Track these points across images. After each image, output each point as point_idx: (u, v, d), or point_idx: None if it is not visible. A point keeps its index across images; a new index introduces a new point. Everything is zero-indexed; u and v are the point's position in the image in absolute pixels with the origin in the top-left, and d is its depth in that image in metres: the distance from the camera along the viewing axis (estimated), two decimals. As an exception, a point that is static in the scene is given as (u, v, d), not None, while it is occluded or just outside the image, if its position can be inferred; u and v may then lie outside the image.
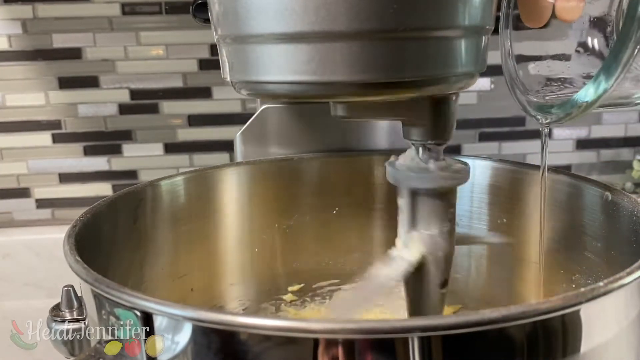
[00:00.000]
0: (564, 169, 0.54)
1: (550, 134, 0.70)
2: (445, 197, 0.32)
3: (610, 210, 0.37)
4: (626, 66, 0.27)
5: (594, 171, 0.72)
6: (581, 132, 0.70)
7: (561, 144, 0.71)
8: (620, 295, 0.26)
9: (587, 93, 0.30)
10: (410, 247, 0.33)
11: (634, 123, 0.71)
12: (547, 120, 0.33)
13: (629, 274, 0.26)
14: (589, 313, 0.25)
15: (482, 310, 0.23)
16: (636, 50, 0.27)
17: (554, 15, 0.32)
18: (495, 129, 0.69)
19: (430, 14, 0.27)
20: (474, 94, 0.68)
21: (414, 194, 0.32)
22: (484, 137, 0.70)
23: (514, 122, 0.69)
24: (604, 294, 0.25)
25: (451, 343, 0.24)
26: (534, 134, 0.70)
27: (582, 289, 0.25)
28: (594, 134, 0.71)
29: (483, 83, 0.68)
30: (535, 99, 0.36)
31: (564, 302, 0.24)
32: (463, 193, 0.47)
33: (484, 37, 0.31)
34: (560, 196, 0.42)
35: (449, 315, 0.33)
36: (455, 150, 0.70)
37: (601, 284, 0.25)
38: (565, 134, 0.70)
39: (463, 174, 0.32)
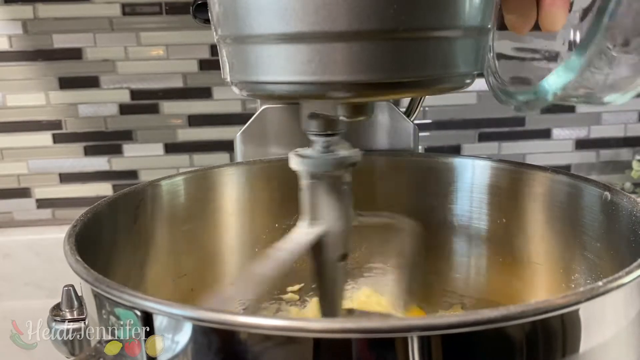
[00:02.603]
0: (564, 169, 0.54)
1: (549, 134, 0.70)
2: (339, 180, 0.36)
3: (610, 210, 0.37)
4: (589, 61, 0.27)
5: (593, 171, 0.72)
6: (580, 132, 0.71)
7: (561, 144, 0.71)
8: (619, 295, 0.26)
9: (550, 82, 0.30)
10: (315, 224, 0.36)
11: (633, 123, 0.71)
12: (513, 105, 0.34)
13: (628, 273, 0.26)
14: (588, 313, 0.25)
15: (482, 310, 0.23)
16: (600, 45, 0.27)
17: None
18: (495, 129, 0.70)
19: (431, 14, 0.27)
20: (473, 94, 0.68)
21: (314, 177, 0.36)
22: (483, 137, 0.70)
23: (513, 122, 0.69)
24: (603, 293, 0.25)
25: (451, 342, 0.24)
26: (534, 134, 0.70)
27: (582, 289, 0.25)
28: (593, 134, 0.71)
29: (483, 83, 0.67)
30: (506, 86, 0.36)
31: (564, 302, 0.24)
32: (463, 193, 0.47)
33: (483, 38, 0.31)
34: (559, 196, 0.42)
35: (448, 315, 0.33)
36: (455, 150, 0.70)
37: (600, 283, 0.25)
38: (564, 134, 0.71)
39: (350, 158, 0.36)
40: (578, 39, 0.35)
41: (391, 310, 0.49)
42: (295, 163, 0.36)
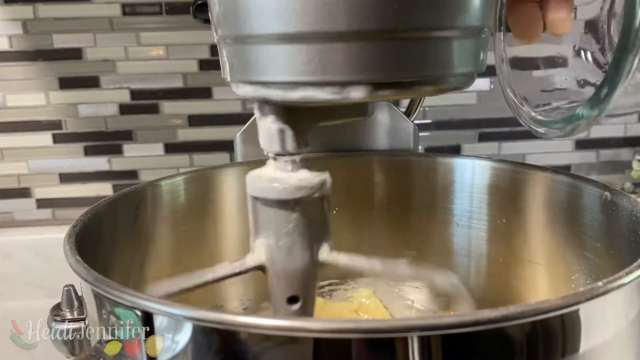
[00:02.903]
0: (564, 169, 0.54)
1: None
2: (285, 209, 0.31)
3: (610, 210, 0.37)
4: (626, 80, 0.27)
5: (593, 171, 0.72)
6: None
7: (560, 144, 0.71)
8: (619, 295, 0.26)
9: (588, 108, 0.30)
10: (254, 252, 0.32)
11: (633, 123, 0.71)
12: (554, 135, 0.33)
13: (628, 273, 0.26)
14: (588, 313, 0.25)
15: (482, 310, 0.23)
16: (635, 64, 0.27)
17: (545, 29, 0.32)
18: (495, 129, 0.70)
19: (430, 14, 0.27)
20: (473, 94, 0.68)
21: (255, 201, 0.32)
22: (483, 137, 0.70)
23: (513, 122, 0.69)
24: (603, 293, 0.25)
25: (451, 343, 0.24)
26: (533, 134, 0.70)
27: (582, 289, 0.25)
28: (593, 134, 0.71)
29: (483, 83, 0.68)
30: (534, 113, 0.36)
31: (563, 302, 0.24)
32: (463, 193, 0.47)
33: (483, 38, 0.31)
34: (559, 196, 0.42)
35: (448, 315, 0.33)
36: (455, 150, 0.70)
37: (600, 283, 0.25)
38: (565, 134, 0.70)
39: (307, 190, 0.30)
40: (584, 46, 0.35)
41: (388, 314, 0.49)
42: (256, 190, 0.31)
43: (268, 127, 0.31)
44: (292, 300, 0.33)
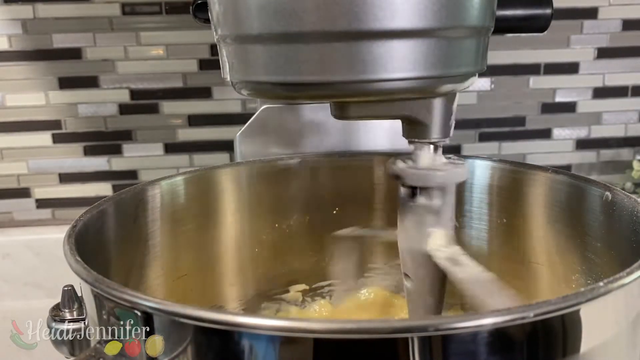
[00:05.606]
0: (564, 169, 0.54)
1: (549, 134, 0.70)
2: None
3: (610, 211, 0.37)
4: None
5: (593, 171, 0.72)
6: (581, 132, 0.71)
7: (561, 144, 0.71)
8: (620, 295, 0.26)
9: None
10: (453, 242, 0.34)
11: (633, 123, 0.71)
12: None
13: (628, 274, 0.26)
14: (588, 313, 0.25)
15: (482, 310, 0.23)
16: None
17: None
18: (495, 129, 0.69)
19: (432, 13, 0.27)
20: (474, 94, 0.68)
21: (445, 190, 0.33)
22: (483, 137, 0.70)
23: (513, 122, 0.69)
24: (604, 293, 0.25)
25: (451, 343, 0.24)
26: (534, 134, 0.70)
27: (582, 289, 0.25)
28: (593, 134, 0.71)
29: (483, 83, 0.68)
30: None
31: (564, 302, 0.24)
32: (463, 193, 0.47)
33: (484, 37, 0.31)
34: (560, 196, 0.42)
35: (449, 316, 0.33)
36: (455, 150, 0.70)
37: (601, 284, 0.25)
38: (565, 134, 0.70)
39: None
40: None
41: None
42: (453, 176, 0.34)
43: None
44: None
